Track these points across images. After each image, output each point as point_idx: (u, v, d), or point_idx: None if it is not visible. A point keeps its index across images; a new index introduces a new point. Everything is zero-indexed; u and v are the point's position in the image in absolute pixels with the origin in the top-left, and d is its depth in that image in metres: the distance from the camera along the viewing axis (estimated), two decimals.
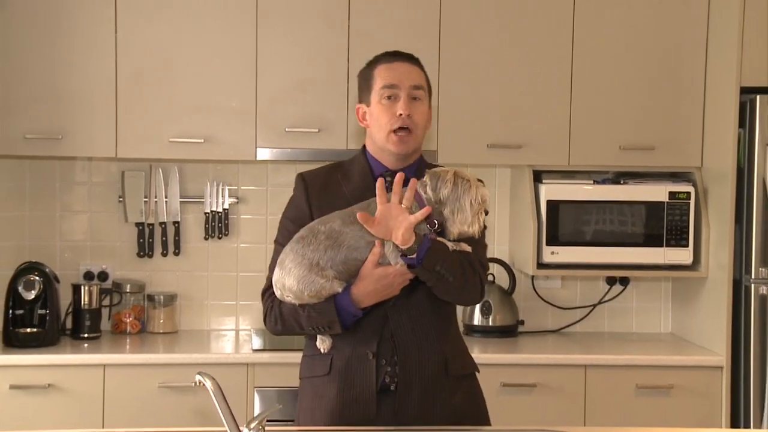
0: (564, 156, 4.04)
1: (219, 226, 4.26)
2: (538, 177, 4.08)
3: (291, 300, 2.56)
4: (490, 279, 4.27)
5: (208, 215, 4.26)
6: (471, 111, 4.01)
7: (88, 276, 4.22)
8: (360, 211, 2.48)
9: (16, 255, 4.15)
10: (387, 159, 2.69)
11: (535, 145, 4.03)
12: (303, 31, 3.97)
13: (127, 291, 4.19)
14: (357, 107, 2.75)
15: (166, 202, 4.24)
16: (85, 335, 4.03)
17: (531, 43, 4.02)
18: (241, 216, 4.31)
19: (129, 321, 4.17)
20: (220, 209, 4.26)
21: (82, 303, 4.05)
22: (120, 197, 4.23)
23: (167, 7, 3.93)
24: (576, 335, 4.34)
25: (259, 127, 3.96)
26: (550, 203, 4.01)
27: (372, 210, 2.48)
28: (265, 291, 2.69)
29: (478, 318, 4.19)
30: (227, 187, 4.26)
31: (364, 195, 2.62)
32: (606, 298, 4.42)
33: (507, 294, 4.26)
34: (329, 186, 2.71)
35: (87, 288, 4.07)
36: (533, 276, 4.31)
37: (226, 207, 4.26)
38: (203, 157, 4.04)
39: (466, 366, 2.73)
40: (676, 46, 4.04)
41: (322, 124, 3.96)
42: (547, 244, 4.01)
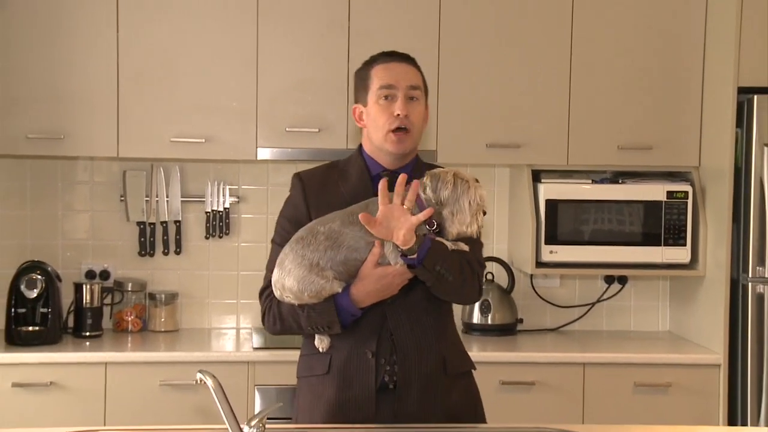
0: (563, 156, 4.05)
1: (220, 225, 4.27)
2: (536, 176, 4.08)
3: (290, 300, 2.56)
4: (489, 278, 4.28)
5: (209, 214, 4.27)
6: (470, 111, 4.02)
7: (89, 275, 4.23)
8: (359, 211, 2.49)
9: (18, 254, 4.16)
10: (384, 158, 2.68)
11: (534, 145, 4.04)
12: (303, 32, 3.97)
13: (129, 290, 4.20)
14: (354, 107, 2.75)
15: (167, 201, 4.25)
16: (87, 333, 4.04)
17: (530, 44, 4.03)
18: (242, 215, 4.32)
19: (130, 319, 4.18)
20: (220, 208, 4.27)
21: (83, 301, 4.05)
22: (121, 196, 4.24)
23: (168, 8, 3.93)
24: (574, 333, 4.35)
25: (260, 127, 3.96)
26: (548, 202, 4.02)
27: (371, 210, 2.48)
28: (263, 291, 2.68)
29: (477, 316, 4.19)
30: (228, 187, 4.27)
31: (361, 194, 2.62)
32: (604, 296, 4.43)
33: (506, 293, 4.27)
34: (326, 186, 2.70)
35: (89, 287, 4.07)
36: (532, 275, 4.31)
37: (226, 206, 4.27)
38: (204, 157, 4.05)
39: (463, 364, 2.74)
40: (673, 46, 4.05)
41: (322, 123, 3.97)
42: (546, 243, 4.01)
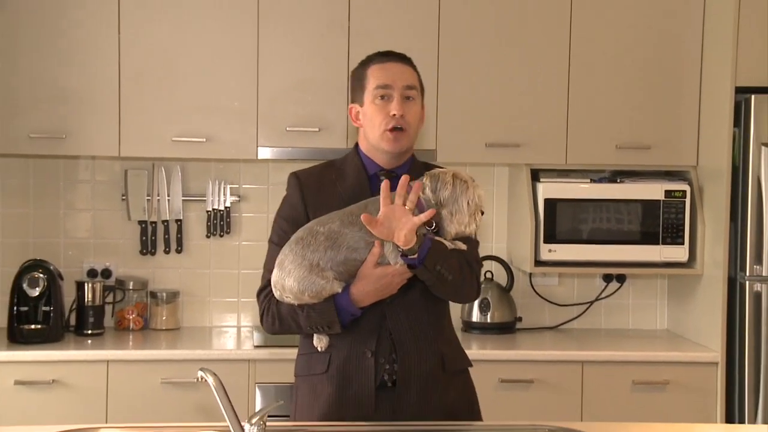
0: (561, 155, 4.06)
1: (221, 224, 4.28)
2: (535, 176, 4.09)
3: (290, 301, 2.56)
4: (488, 276, 4.30)
5: (210, 213, 4.28)
6: (469, 110, 4.03)
7: (91, 273, 4.24)
8: (358, 212, 2.50)
9: (20, 252, 4.17)
10: (380, 157, 2.69)
11: (533, 144, 4.05)
12: (304, 32, 3.98)
13: (130, 288, 4.21)
14: (350, 107, 2.75)
15: (168, 200, 4.26)
16: (89, 332, 4.05)
17: (529, 44, 4.04)
18: (243, 214, 4.33)
19: (132, 318, 4.19)
20: (221, 207, 4.28)
21: (85, 300, 4.06)
22: (123, 195, 4.25)
23: (169, 8, 3.95)
24: (573, 332, 4.35)
25: (260, 127, 3.98)
26: (547, 201, 4.02)
27: (370, 210, 2.49)
28: (261, 291, 2.67)
29: (476, 315, 4.20)
30: (229, 186, 4.28)
31: (358, 194, 2.63)
32: (603, 295, 4.44)
33: (505, 291, 4.28)
34: (323, 185, 2.70)
35: (90, 285, 4.08)
36: (531, 273, 4.32)
37: (227, 205, 4.28)
38: (205, 156, 4.06)
39: (461, 361, 2.75)
40: (672, 46, 4.06)
41: (322, 123, 3.99)
42: (545, 241, 4.02)
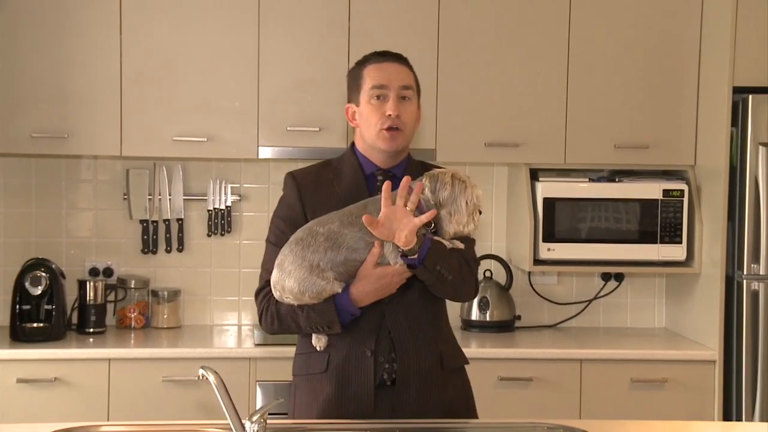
0: (560, 154, 4.07)
1: (222, 223, 4.29)
2: (534, 175, 4.10)
3: (290, 301, 2.57)
4: (487, 275, 4.31)
5: (211, 212, 4.29)
6: (469, 110, 4.04)
7: (93, 272, 4.25)
8: (357, 212, 2.51)
9: (23, 251, 4.19)
10: (376, 157, 2.69)
11: (532, 144, 4.06)
12: (304, 32, 4.00)
13: (132, 287, 4.22)
14: (346, 107, 2.75)
15: (169, 199, 4.27)
16: (91, 330, 4.06)
17: (528, 44, 4.05)
18: (244, 213, 4.34)
19: (133, 316, 4.21)
20: (222, 207, 4.29)
21: (87, 298, 4.08)
22: (125, 195, 4.27)
23: (171, 9, 3.96)
24: (572, 330, 4.37)
25: (261, 126, 3.99)
26: (546, 201, 4.03)
27: (370, 210, 2.50)
28: (259, 291, 2.67)
29: (475, 313, 4.22)
30: (230, 185, 4.30)
31: (355, 193, 2.64)
32: (601, 293, 4.46)
33: (504, 290, 4.29)
34: (321, 185, 2.70)
35: (92, 284, 4.10)
36: (530, 272, 4.34)
37: (228, 204, 4.30)
38: (206, 156, 4.07)
39: (458, 359, 2.76)
40: (670, 46, 4.07)
41: (322, 123, 4.00)
42: (544, 240, 4.03)
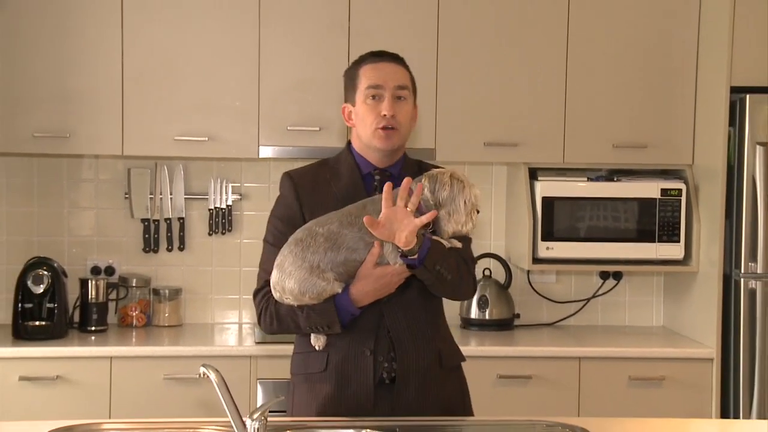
0: (559, 154, 4.08)
1: (222, 222, 4.31)
2: (533, 174, 4.11)
3: (290, 302, 2.57)
4: (486, 274, 4.32)
5: (211, 211, 4.31)
6: (468, 110, 4.05)
7: (95, 271, 4.27)
8: (356, 212, 2.52)
9: (25, 250, 4.20)
10: (373, 156, 2.69)
11: (531, 144, 4.07)
12: (304, 32, 4.01)
13: (133, 285, 4.24)
14: (343, 106, 2.75)
15: (171, 198, 4.29)
16: (93, 328, 4.08)
17: (527, 44, 4.07)
18: (244, 212, 4.35)
19: (135, 314, 4.22)
20: (223, 206, 4.31)
21: (89, 297, 4.09)
22: (126, 194, 4.28)
23: (172, 9, 3.97)
24: (570, 328, 4.38)
25: (262, 126, 4.00)
26: (545, 200, 4.05)
27: (369, 210, 2.52)
28: (258, 291, 2.67)
29: (475, 312, 4.23)
30: (230, 184, 4.31)
31: (352, 193, 2.65)
32: (599, 292, 4.47)
33: (503, 288, 4.30)
34: (318, 185, 2.70)
35: (94, 282, 4.11)
36: (529, 271, 4.35)
37: (229, 203, 4.31)
38: (207, 155, 4.08)
39: (456, 357, 2.77)
40: (667, 46, 4.08)
41: (322, 122, 4.01)
42: (542, 239, 4.04)
